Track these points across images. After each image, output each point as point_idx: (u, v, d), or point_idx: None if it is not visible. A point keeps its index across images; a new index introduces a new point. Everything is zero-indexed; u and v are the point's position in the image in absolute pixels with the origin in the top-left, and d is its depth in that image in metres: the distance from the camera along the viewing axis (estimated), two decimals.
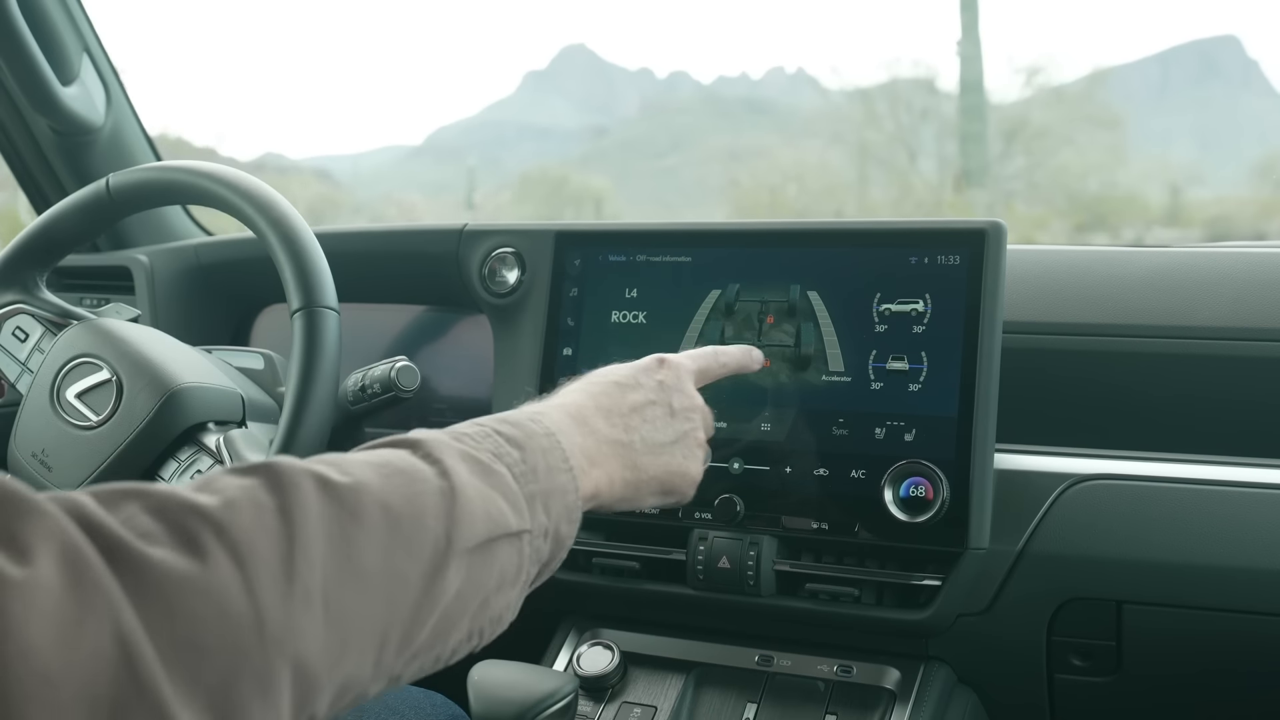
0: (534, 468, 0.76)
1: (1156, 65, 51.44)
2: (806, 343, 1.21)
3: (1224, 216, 18.99)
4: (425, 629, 0.65)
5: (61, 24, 1.68)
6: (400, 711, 1.11)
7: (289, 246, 1.12)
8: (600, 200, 24.62)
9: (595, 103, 67.44)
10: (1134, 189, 20.49)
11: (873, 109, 20.84)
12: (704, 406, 0.99)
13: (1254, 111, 41.10)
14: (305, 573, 0.57)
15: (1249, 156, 28.03)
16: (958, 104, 15.09)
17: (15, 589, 0.46)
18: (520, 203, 24.47)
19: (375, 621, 0.61)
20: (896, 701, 1.17)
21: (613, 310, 1.30)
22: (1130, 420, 1.25)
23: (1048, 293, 1.32)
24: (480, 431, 0.76)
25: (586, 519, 1.27)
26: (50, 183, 1.79)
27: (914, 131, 19.47)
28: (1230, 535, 1.11)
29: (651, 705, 1.21)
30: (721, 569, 1.19)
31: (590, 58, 75.14)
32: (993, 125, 17.14)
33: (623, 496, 0.89)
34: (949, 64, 21.46)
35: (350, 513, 0.61)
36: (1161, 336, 1.25)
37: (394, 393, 1.20)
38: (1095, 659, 1.18)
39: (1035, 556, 1.15)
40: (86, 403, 1.16)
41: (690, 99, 32.96)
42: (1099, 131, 21.48)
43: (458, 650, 0.70)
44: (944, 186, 16.86)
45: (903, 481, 1.14)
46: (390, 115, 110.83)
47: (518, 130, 60.11)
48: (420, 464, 0.68)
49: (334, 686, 0.58)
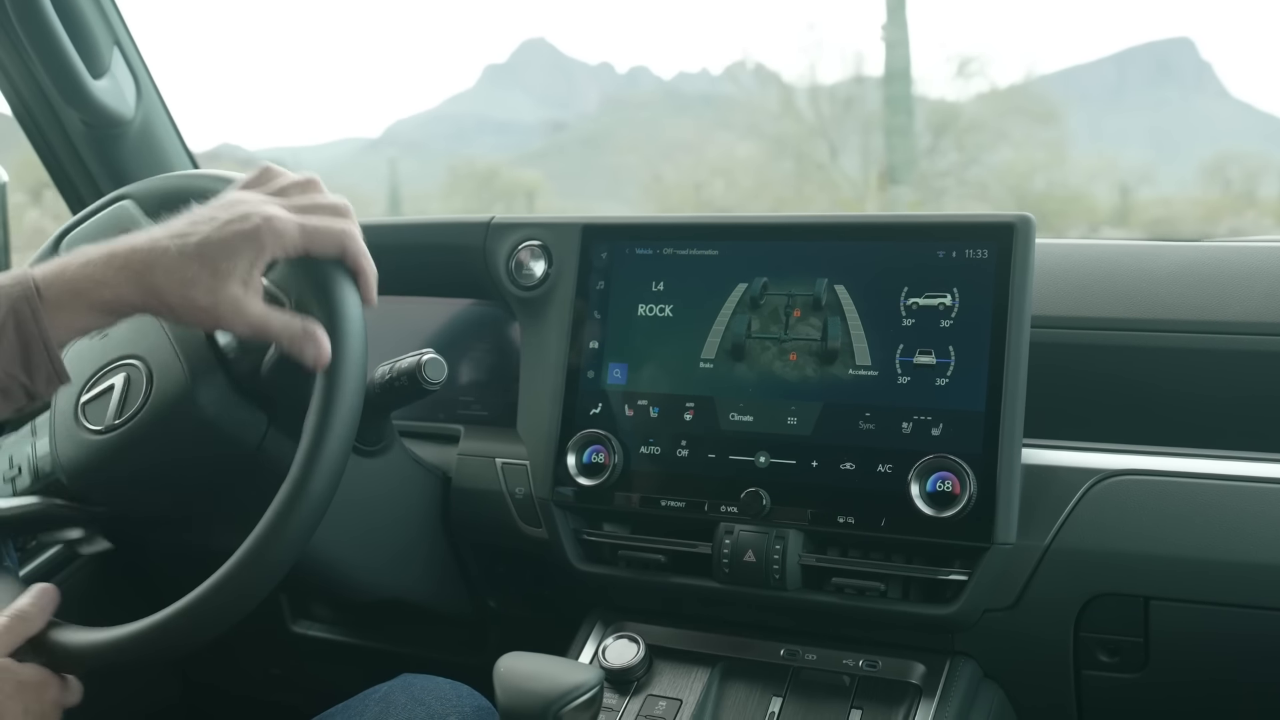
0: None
1: (1112, 66, 51.35)
2: (833, 337, 1.21)
3: (1167, 218, 18.83)
4: None
5: (92, 17, 1.69)
6: (426, 703, 1.11)
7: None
8: (532, 194, 24.26)
9: (555, 97, 67.38)
10: (1081, 188, 19.88)
11: (790, 99, 19.52)
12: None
13: (1207, 113, 41.11)
14: None
15: (1200, 158, 27.93)
16: (882, 94, 13.82)
17: None
18: (448, 196, 24.19)
19: None
20: (922, 696, 1.17)
21: (639, 303, 1.30)
22: (1159, 416, 1.24)
23: (1076, 287, 1.31)
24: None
25: (611, 512, 1.28)
26: (81, 176, 1.80)
27: (836, 124, 18.14)
28: (1259, 531, 1.10)
29: (677, 699, 1.21)
30: (747, 563, 1.19)
31: (550, 52, 75.06)
32: (921, 118, 16.10)
33: None
34: (874, 50, 20.00)
35: None
36: (1191, 331, 1.24)
37: (420, 385, 1.20)
38: (1122, 655, 1.18)
39: (1062, 552, 1.14)
40: (118, 403, 1.15)
41: (650, 94, 32.98)
42: (1036, 126, 20.59)
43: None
44: (868, 184, 15.90)
45: (930, 476, 1.14)
46: (349, 107, 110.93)
47: (477, 123, 60.03)
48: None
49: None
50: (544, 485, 1.31)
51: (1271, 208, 17.11)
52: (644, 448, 1.26)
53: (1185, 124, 38.97)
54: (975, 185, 17.41)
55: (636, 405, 1.28)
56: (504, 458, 1.38)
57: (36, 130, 1.78)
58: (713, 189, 20.00)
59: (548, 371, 1.34)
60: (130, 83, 1.78)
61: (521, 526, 1.35)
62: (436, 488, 1.42)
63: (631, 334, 1.30)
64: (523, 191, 23.91)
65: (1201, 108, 42.93)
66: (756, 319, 1.24)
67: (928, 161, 16.48)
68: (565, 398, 1.31)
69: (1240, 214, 18.36)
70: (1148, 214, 18.81)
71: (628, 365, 1.29)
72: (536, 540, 1.34)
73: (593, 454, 1.28)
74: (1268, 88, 61.06)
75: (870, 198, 15.01)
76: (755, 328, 1.24)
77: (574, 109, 60.73)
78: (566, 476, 1.29)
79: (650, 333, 1.29)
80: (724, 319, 1.26)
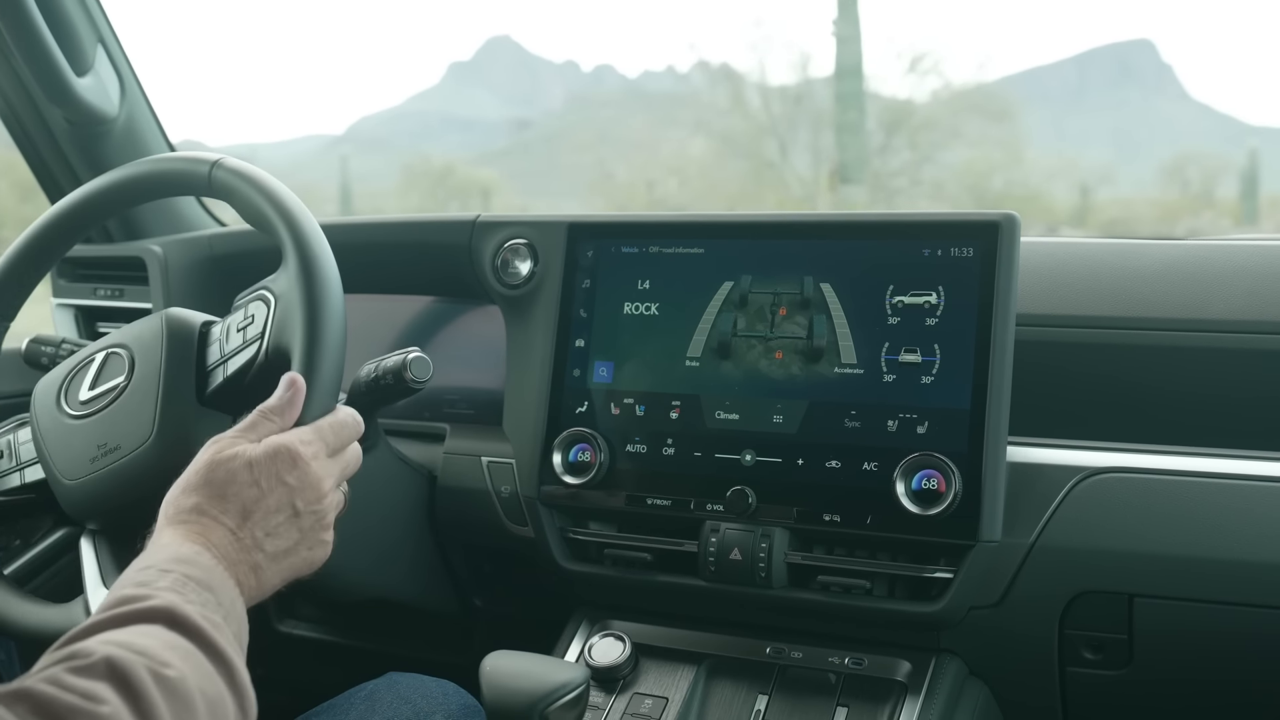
0: (228, 608, 0.82)
1: (1074, 67, 51.71)
2: (819, 335, 1.21)
3: (1124, 219, 18.85)
4: None
5: (76, 15, 1.68)
6: (413, 701, 1.11)
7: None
8: (489, 192, 24.05)
9: (520, 95, 67.42)
10: (1040, 188, 19.74)
11: (740, 95, 19.15)
12: (331, 490, 0.96)
13: (1167, 114, 41.44)
14: None
15: (1160, 158, 28.04)
16: (833, 90, 13.39)
17: None
18: (404, 194, 23.93)
19: None
20: (908, 694, 1.17)
21: (625, 302, 1.30)
22: (1143, 414, 1.25)
23: (1061, 285, 1.31)
24: (178, 580, 0.80)
25: (597, 510, 1.28)
26: (65, 173, 1.79)
27: (787, 121, 17.77)
28: (1243, 529, 1.10)
29: (663, 696, 1.22)
30: (733, 561, 1.20)
31: (515, 49, 75.13)
32: (873, 116, 15.78)
33: (250, 602, 0.90)
34: (825, 46, 19.24)
35: (185, 705, 0.68)
36: (1176, 329, 1.25)
37: (406, 383, 1.19)
38: (1107, 652, 1.18)
39: (1047, 550, 1.15)
40: (102, 383, 1.15)
41: (615, 92, 32.86)
42: (990, 124, 20.40)
43: None
44: (819, 183, 15.62)
45: (915, 474, 1.14)
46: (313, 104, 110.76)
47: (442, 121, 60.02)
48: (190, 644, 0.74)
49: None
50: (530, 484, 1.31)
51: (1229, 208, 17.11)
52: (630, 446, 1.26)
53: (1146, 125, 39.31)
54: (930, 185, 17.10)
55: (622, 404, 1.28)
56: (490, 456, 1.38)
57: (20, 128, 1.77)
58: (666, 187, 19.68)
59: (533, 370, 1.34)
60: (114, 80, 1.77)
61: (507, 525, 1.35)
62: (422, 486, 1.42)
63: (617, 332, 1.30)
64: (479, 189, 23.75)
65: (1162, 109, 43.34)
66: (742, 317, 1.25)
67: (880, 160, 16.27)
68: (551, 396, 1.31)
69: (1198, 214, 18.40)
70: (1105, 214, 18.81)
71: (614, 364, 1.29)
72: (522, 539, 1.34)
73: (579, 452, 1.28)
74: (1227, 89, 61.51)
75: (821, 197, 14.73)
76: (741, 326, 1.24)
77: (539, 107, 60.72)
78: (552, 475, 1.29)
79: (636, 331, 1.29)
80: (710, 317, 1.26)
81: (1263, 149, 18.54)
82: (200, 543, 0.86)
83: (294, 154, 45.43)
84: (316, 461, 0.94)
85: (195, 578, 0.81)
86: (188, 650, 0.73)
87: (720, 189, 18.72)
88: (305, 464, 0.93)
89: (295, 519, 0.92)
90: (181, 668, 0.69)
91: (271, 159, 41.71)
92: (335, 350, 1.02)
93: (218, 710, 0.71)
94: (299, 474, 0.92)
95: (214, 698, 0.71)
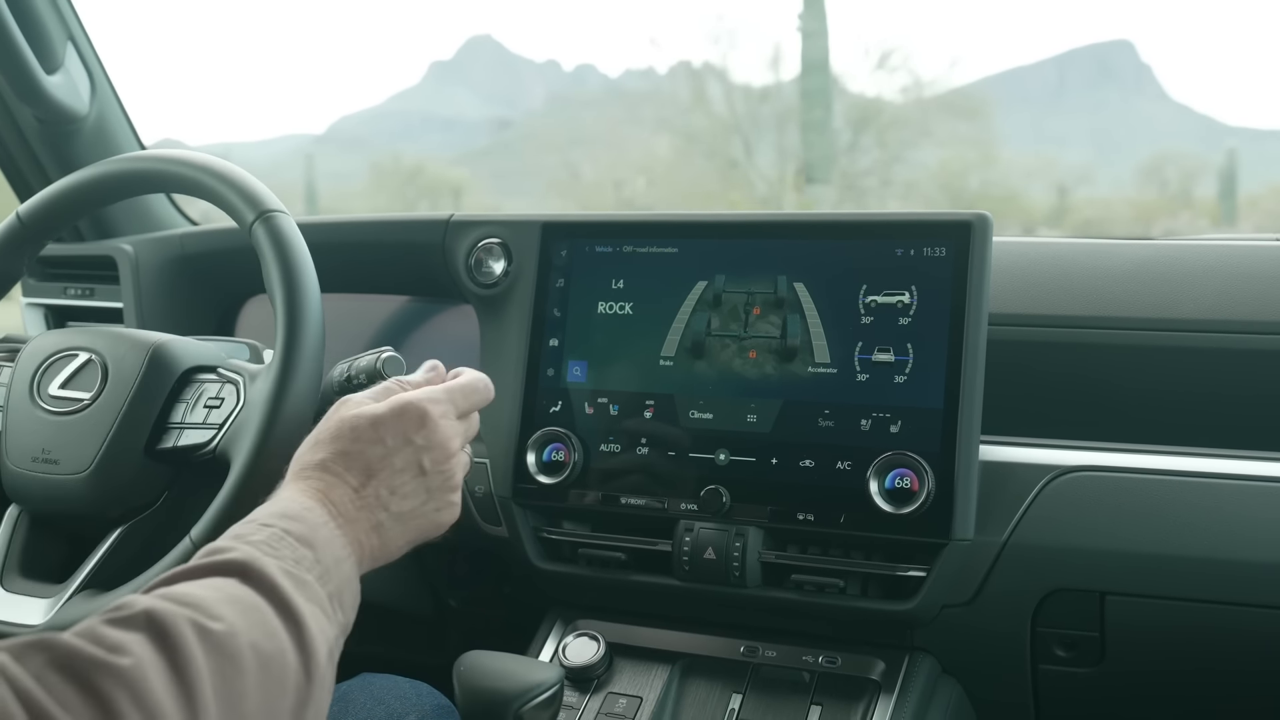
0: (327, 566, 0.80)
1: (1053, 68, 52.05)
2: (792, 334, 1.21)
3: (1097, 220, 18.77)
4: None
5: (45, 12, 1.67)
6: (386, 702, 1.11)
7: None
8: (459, 192, 23.79)
9: (501, 94, 67.35)
10: (1018, 188, 19.49)
11: (703, 92, 18.46)
12: (460, 453, 0.97)
13: (1146, 115, 41.77)
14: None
15: (1139, 158, 28.12)
16: (799, 87, 12.79)
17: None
18: (373, 194, 23.56)
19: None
20: (881, 692, 1.17)
21: (599, 301, 1.30)
22: (1114, 412, 1.26)
23: (1033, 285, 1.32)
24: (273, 535, 0.78)
25: (571, 510, 1.28)
26: (35, 172, 1.78)
27: (752, 119, 17.09)
28: (1213, 527, 1.11)
29: (637, 696, 1.22)
30: (707, 560, 1.20)
31: (497, 49, 75.06)
32: (841, 113, 15.25)
33: (372, 566, 0.90)
34: (791, 41, 18.50)
35: (230, 660, 0.65)
36: (1146, 329, 1.25)
37: (380, 383, 1.19)
38: (1079, 650, 1.19)
39: (1020, 548, 1.15)
40: (73, 388, 1.15)
41: (596, 92, 32.82)
42: (960, 123, 19.95)
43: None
44: (784, 182, 15.15)
45: (888, 473, 1.15)
46: (293, 103, 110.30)
47: (422, 120, 59.90)
48: (259, 597, 0.71)
49: None
50: (504, 483, 1.31)
51: (1207, 208, 17.09)
52: (604, 445, 1.26)
53: (1125, 125, 39.57)
54: (901, 185, 16.74)
55: (597, 403, 1.28)
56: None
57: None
58: (634, 186, 19.33)
59: (507, 369, 1.33)
60: (84, 79, 1.76)
61: (481, 525, 1.35)
62: None
63: (591, 332, 1.30)
64: (449, 189, 23.55)
65: (1141, 109, 43.62)
66: (716, 317, 1.25)
67: (848, 159, 15.85)
68: (525, 396, 1.31)
69: (1175, 215, 18.33)
70: (1080, 215, 18.72)
71: (588, 363, 1.29)
72: (496, 539, 1.34)
73: (553, 452, 1.28)
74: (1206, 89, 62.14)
75: (786, 197, 14.43)
76: (715, 325, 1.24)
77: (520, 107, 60.64)
78: (526, 474, 1.28)
79: (610, 330, 1.29)
80: (684, 317, 1.26)
81: (1241, 149, 18.60)
82: (316, 499, 0.85)
83: (273, 153, 45.20)
84: (445, 421, 0.95)
85: (295, 533, 0.79)
86: (251, 604, 0.70)
87: (681, 188, 18.42)
88: (434, 422, 0.93)
89: (422, 478, 0.91)
90: (233, 622, 0.67)
91: (250, 158, 41.47)
92: (288, 447, 0.99)
93: (272, 668, 0.67)
94: (427, 433, 0.92)
95: (269, 654, 0.68)
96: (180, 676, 0.61)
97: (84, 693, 0.56)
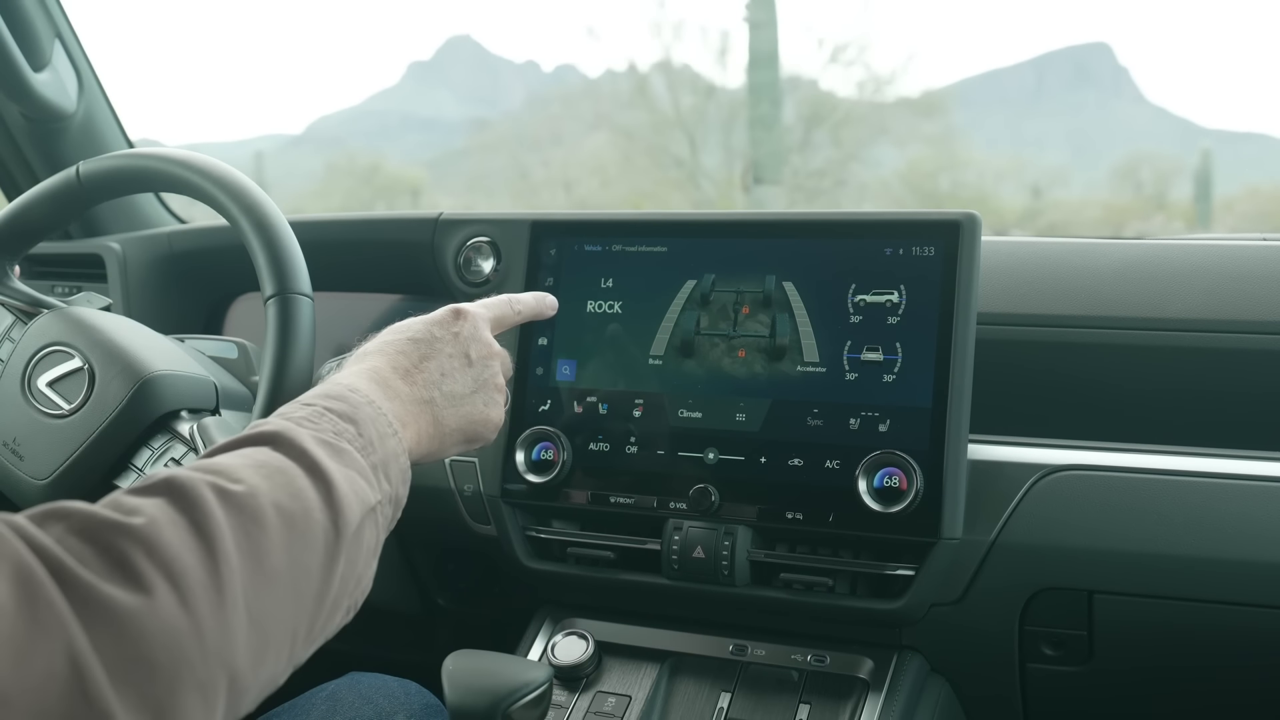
0: (370, 440, 0.81)
1: (1031, 70, 52.16)
2: (781, 334, 1.21)
3: (1062, 223, 18.56)
4: (323, 616, 0.70)
5: (33, 10, 1.66)
6: (374, 701, 1.10)
7: (262, 234, 1.11)
8: (417, 192, 23.55)
9: (480, 94, 67.24)
10: (989, 190, 19.12)
11: (643, 84, 17.51)
12: (501, 352, 1.03)
13: (1123, 117, 41.90)
14: (230, 584, 0.61)
15: (1115, 160, 28.07)
16: (746, 81, 12.11)
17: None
18: (325, 195, 23.03)
19: (288, 620, 0.66)
20: (870, 691, 1.18)
21: (588, 300, 1.30)
22: (1103, 411, 1.26)
23: (1022, 284, 1.32)
24: (314, 412, 0.80)
25: (560, 509, 1.28)
26: (22, 170, 1.77)
27: (697, 115, 16.28)
28: (1201, 526, 1.11)
29: (626, 695, 1.21)
30: (696, 559, 1.20)
31: (476, 49, 74.97)
32: (791, 109, 14.58)
33: (429, 451, 0.94)
34: (738, 33, 17.26)
35: (252, 518, 0.65)
36: (1134, 328, 1.26)
37: None
38: (1067, 649, 1.19)
39: (1008, 547, 1.15)
40: (58, 391, 1.15)
41: (576, 92, 32.81)
42: (920, 120, 19.13)
43: (339, 626, 0.75)
44: (731, 182, 14.64)
45: (877, 472, 1.15)
46: (272, 103, 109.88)
47: (401, 120, 59.84)
48: (288, 460, 0.72)
49: (258, 686, 0.63)
50: (493, 482, 1.30)
51: (1182, 210, 16.92)
52: (593, 444, 1.26)
53: (1102, 127, 39.66)
54: (854, 187, 16.10)
55: (585, 402, 1.27)
56: (452, 455, 1.37)
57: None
58: (587, 186, 18.91)
59: None
60: (72, 76, 1.75)
61: (470, 524, 1.34)
62: None
63: (580, 331, 1.30)
64: (406, 189, 23.28)
65: (1119, 111, 43.77)
66: (705, 316, 1.25)
67: (800, 158, 15.28)
68: (514, 395, 1.31)
69: (1148, 218, 18.09)
70: (1046, 218, 18.49)
71: (576, 362, 1.29)
72: (485, 538, 1.33)
73: (541, 451, 1.28)
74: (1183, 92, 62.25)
75: (734, 197, 14.04)
76: (704, 324, 1.24)
77: (499, 107, 60.53)
78: (515, 473, 1.28)
79: (599, 329, 1.29)
80: (673, 316, 1.26)
81: (1217, 151, 18.51)
82: (364, 379, 0.89)
83: (252, 153, 45.19)
84: (484, 320, 1.03)
85: (337, 410, 0.81)
86: (278, 467, 0.71)
87: (616, 188, 17.89)
88: (474, 317, 1.01)
89: (469, 367, 0.98)
90: (255, 483, 0.67)
91: (229, 157, 41.35)
92: None
93: (298, 525, 0.68)
94: (469, 325, 1.00)
95: (293, 512, 0.68)
96: (200, 531, 0.61)
97: (100, 551, 0.57)
